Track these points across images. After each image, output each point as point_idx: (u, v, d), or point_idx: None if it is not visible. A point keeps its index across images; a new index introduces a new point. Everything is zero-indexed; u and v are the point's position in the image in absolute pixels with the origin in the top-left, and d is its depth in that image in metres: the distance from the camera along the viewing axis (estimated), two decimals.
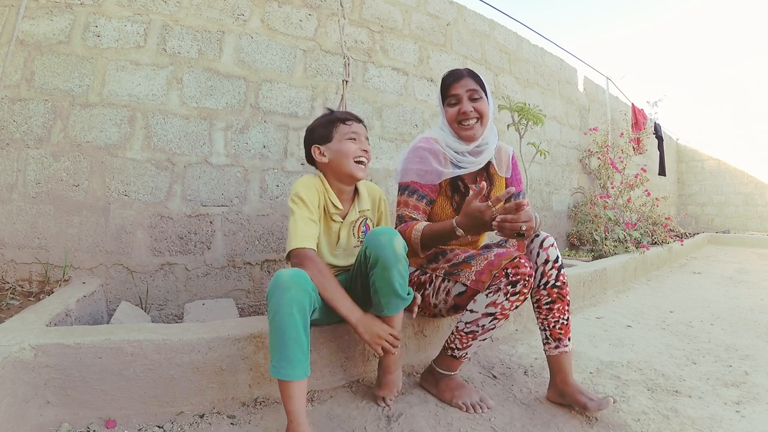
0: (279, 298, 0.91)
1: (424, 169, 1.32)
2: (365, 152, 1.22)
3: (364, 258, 1.11)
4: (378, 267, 1.04)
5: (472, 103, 1.32)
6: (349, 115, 1.25)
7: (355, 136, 1.22)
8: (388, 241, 1.02)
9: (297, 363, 0.91)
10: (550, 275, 1.19)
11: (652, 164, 6.28)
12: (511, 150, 1.49)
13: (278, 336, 0.91)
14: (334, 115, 1.26)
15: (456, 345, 1.21)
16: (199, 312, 1.62)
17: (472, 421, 1.11)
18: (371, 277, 1.08)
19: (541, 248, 1.20)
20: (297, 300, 0.92)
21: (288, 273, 0.94)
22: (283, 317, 0.91)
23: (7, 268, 1.63)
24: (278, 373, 0.91)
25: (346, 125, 1.22)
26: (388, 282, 1.05)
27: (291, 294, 0.91)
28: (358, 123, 1.25)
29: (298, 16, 2.27)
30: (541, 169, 3.87)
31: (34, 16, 1.69)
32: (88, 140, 1.74)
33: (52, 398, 0.98)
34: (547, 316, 1.20)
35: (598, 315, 2.22)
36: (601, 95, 5.06)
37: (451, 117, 1.34)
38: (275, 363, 0.92)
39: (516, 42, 3.69)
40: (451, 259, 1.29)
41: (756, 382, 1.38)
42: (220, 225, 1.99)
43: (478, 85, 1.34)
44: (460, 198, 1.34)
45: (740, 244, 6.41)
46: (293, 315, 0.91)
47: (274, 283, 0.94)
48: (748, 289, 2.98)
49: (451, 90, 1.34)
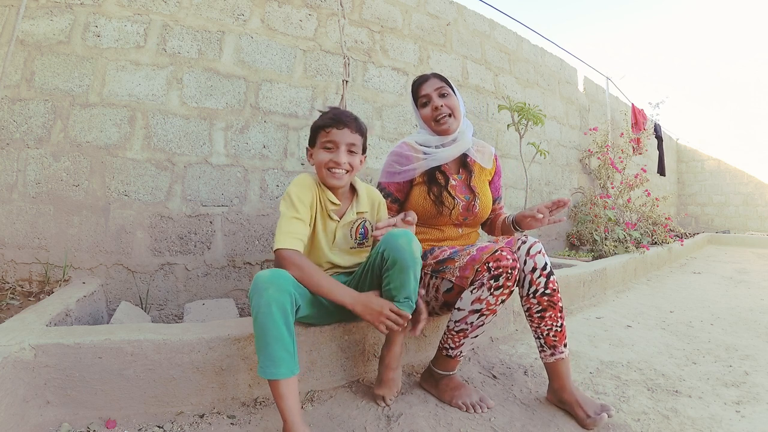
0: (258, 299, 0.93)
1: (392, 171, 1.42)
2: (335, 164, 1.17)
3: (380, 259, 1.11)
4: (395, 269, 1.07)
5: (441, 99, 1.41)
6: (330, 121, 1.19)
7: (331, 144, 1.18)
8: (407, 245, 1.07)
9: (281, 362, 0.92)
10: (538, 283, 1.17)
11: (652, 164, 6.28)
12: (494, 150, 1.58)
13: (261, 336, 0.93)
14: (321, 119, 1.22)
15: (449, 344, 1.21)
16: (199, 312, 1.62)
17: (472, 421, 1.11)
18: (386, 277, 1.10)
19: (528, 256, 1.18)
20: (275, 299, 0.93)
21: (265, 274, 0.96)
22: (264, 318, 0.92)
23: (7, 268, 1.63)
24: (264, 372, 0.93)
25: (324, 132, 1.19)
26: (403, 283, 1.09)
27: (269, 293, 0.92)
28: (339, 129, 1.18)
29: (298, 16, 2.27)
30: (541, 169, 3.87)
31: (34, 16, 1.70)
32: (88, 140, 1.74)
33: (52, 398, 0.98)
34: (539, 325, 1.18)
35: (598, 315, 2.22)
36: (601, 95, 5.06)
37: (426, 116, 1.44)
38: (261, 363, 0.93)
39: (516, 42, 3.69)
40: (438, 256, 1.30)
41: (756, 382, 1.38)
42: (220, 225, 1.99)
43: (444, 83, 1.43)
44: (438, 188, 1.39)
45: (740, 244, 6.41)
46: (273, 314, 0.92)
47: (253, 285, 0.95)
48: (748, 289, 2.98)
49: (420, 91, 1.44)
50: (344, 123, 1.19)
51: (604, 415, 1.07)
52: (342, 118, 1.20)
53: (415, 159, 1.41)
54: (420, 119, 1.47)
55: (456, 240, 1.44)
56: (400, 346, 1.22)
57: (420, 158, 1.40)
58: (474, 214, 1.43)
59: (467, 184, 1.44)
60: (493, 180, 1.56)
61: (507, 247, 1.18)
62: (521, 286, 1.20)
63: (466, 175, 1.46)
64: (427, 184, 1.40)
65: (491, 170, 1.55)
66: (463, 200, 1.41)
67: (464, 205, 1.41)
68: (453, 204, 1.38)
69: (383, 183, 1.44)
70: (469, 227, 1.48)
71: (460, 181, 1.44)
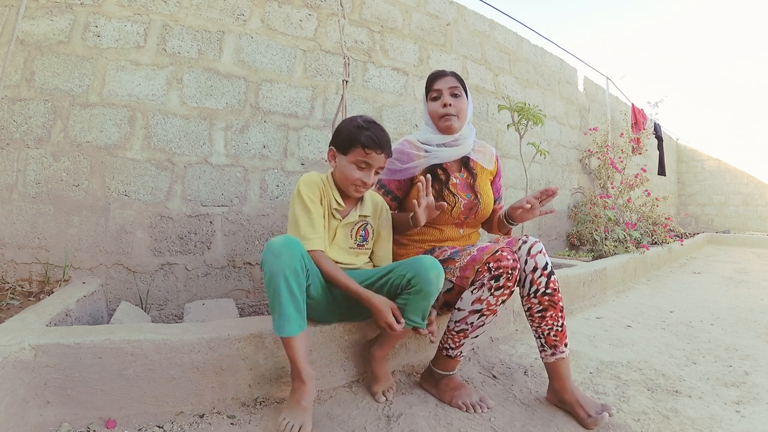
0: (272, 264, 1.00)
1: (393, 168, 1.42)
2: (364, 184, 1.22)
3: (404, 283, 1.14)
4: (419, 295, 1.12)
5: (452, 98, 1.42)
6: (372, 143, 1.19)
7: (365, 165, 1.21)
8: (437, 278, 1.11)
9: (293, 319, 1.02)
10: (539, 283, 1.17)
11: (652, 164, 6.28)
12: (494, 150, 1.60)
13: (274, 298, 1.01)
14: (360, 135, 1.20)
15: (449, 344, 1.22)
16: (199, 312, 1.62)
17: (472, 421, 1.11)
18: (405, 297, 1.15)
19: (528, 255, 1.18)
20: (289, 264, 1.00)
21: (279, 240, 1.03)
22: (278, 281, 1.00)
23: (7, 268, 1.63)
24: (278, 330, 1.02)
25: (363, 152, 1.19)
26: (420, 308, 1.15)
27: (283, 259, 1.00)
28: (378, 154, 1.20)
29: (298, 16, 2.27)
30: (541, 169, 3.87)
31: (34, 16, 1.70)
32: (88, 140, 1.74)
33: (52, 398, 0.98)
34: (540, 324, 1.18)
35: (598, 315, 2.22)
36: (601, 95, 5.06)
37: (433, 111, 1.45)
38: (275, 322, 1.03)
39: (516, 42, 3.69)
40: (438, 256, 1.30)
41: (756, 382, 1.38)
42: (220, 225, 1.99)
43: (459, 84, 1.44)
44: (439, 185, 1.39)
45: (740, 244, 6.41)
46: (287, 278, 1.00)
47: (267, 249, 1.03)
48: (748, 289, 2.98)
49: (434, 85, 1.45)
50: (383, 149, 1.21)
51: (605, 414, 1.07)
52: (384, 144, 1.21)
53: (416, 157, 1.41)
54: (426, 112, 1.48)
55: (457, 240, 1.44)
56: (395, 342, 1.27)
57: (421, 156, 1.41)
58: (476, 214, 1.44)
59: (470, 184, 1.45)
60: (494, 180, 1.57)
61: (507, 248, 1.18)
62: (522, 286, 1.20)
63: (468, 175, 1.46)
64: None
65: (492, 171, 1.56)
66: (465, 199, 1.41)
67: (466, 203, 1.41)
68: (454, 201, 1.39)
69: (384, 180, 1.44)
70: (470, 227, 1.48)
71: (462, 180, 1.45)
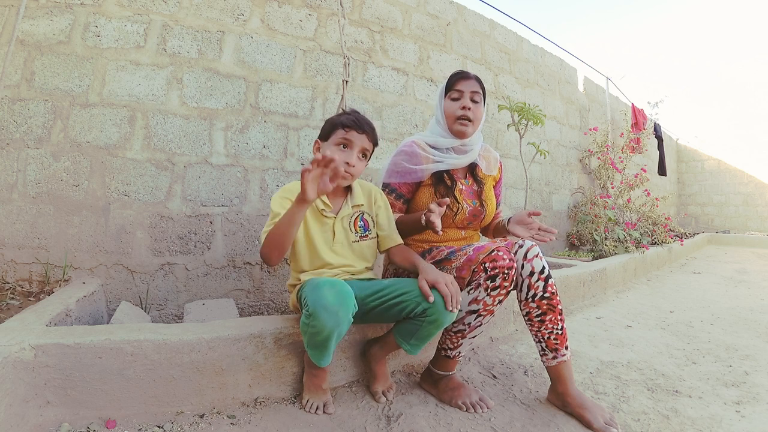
0: (326, 320, 0.99)
1: (401, 170, 1.41)
2: (346, 164, 1.19)
3: (419, 310, 1.09)
4: (433, 325, 1.10)
5: (472, 104, 1.39)
6: (352, 123, 1.21)
7: (347, 143, 1.21)
8: (452, 315, 1.09)
9: (327, 357, 1.10)
10: (536, 287, 1.16)
11: (652, 164, 6.28)
12: (498, 156, 1.59)
13: (317, 347, 1.06)
14: (341, 118, 1.24)
15: (447, 345, 1.22)
16: (199, 312, 1.62)
17: (472, 421, 1.11)
18: (417, 320, 1.12)
19: (525, 260, 1.17)
20: (345, 321, 1.01)
21: (332, 294, 0.99)
22: (331, 335, 1.01)
23: (7, 268, 1.63)
24: (318, 362, 1.10)
25: (343, 131, 1.21)
26: (430, 336, 1.14)
27: (340, 317, 0.99)
28: (359, 133, 1.21)
29: (298, 16, 2.27)
30: (541, 169, 3.87)
31: (34, 16, 1.69)
32: (88, 140, 1.74)
33: (52, 398, 0.98)
34: (540, 328, 1.18)
35: (598, 315, 2.22)
36: (601, 95, 5.06)
37: (450, 111, 1.41)
38: (314, 356, 1.09)
39: (516, 42, 3.69)
40: (435, 256, 1.30)
41: (756, 382, 1.38)
42: (220, 225, 1.99)
43: (481, 91, 1.42)
44: (445, 189, 1.39)
45: (740, 244, 6.41)
46: (333, 339, 1.03)
47: (319, 304, 0.99)
48: (748, 289, 2.98)
49: (457, 85, 1.41)
50: (364, 129, 1.22)
51: (616, 423, 1.08)
52: (363, 124, 1.23)
53: (425, 159, 1.40)
54: (441, 111, 1.44)
55: (457, 242, 1.44)
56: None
57: (430, 159, 1.40)
58: (480, 221, 1.45)
59: (476, 192, 1.45)
60: (496, 186, 1.58)
61: (504, 247, 1.17)
62: (519, 291, 1.19)
63: (474, 182, 1.47)
64: (434, 186, 1.40)
65: (496, 176, 1.57)
66: (470, 206, 1.41)
67: (471, 210, 1.41)
68: (459, 208, 1.38)
69: (393, 184, 1.42)
70: (471, 230, 1.49)
71: (468, 187, 1.45)
